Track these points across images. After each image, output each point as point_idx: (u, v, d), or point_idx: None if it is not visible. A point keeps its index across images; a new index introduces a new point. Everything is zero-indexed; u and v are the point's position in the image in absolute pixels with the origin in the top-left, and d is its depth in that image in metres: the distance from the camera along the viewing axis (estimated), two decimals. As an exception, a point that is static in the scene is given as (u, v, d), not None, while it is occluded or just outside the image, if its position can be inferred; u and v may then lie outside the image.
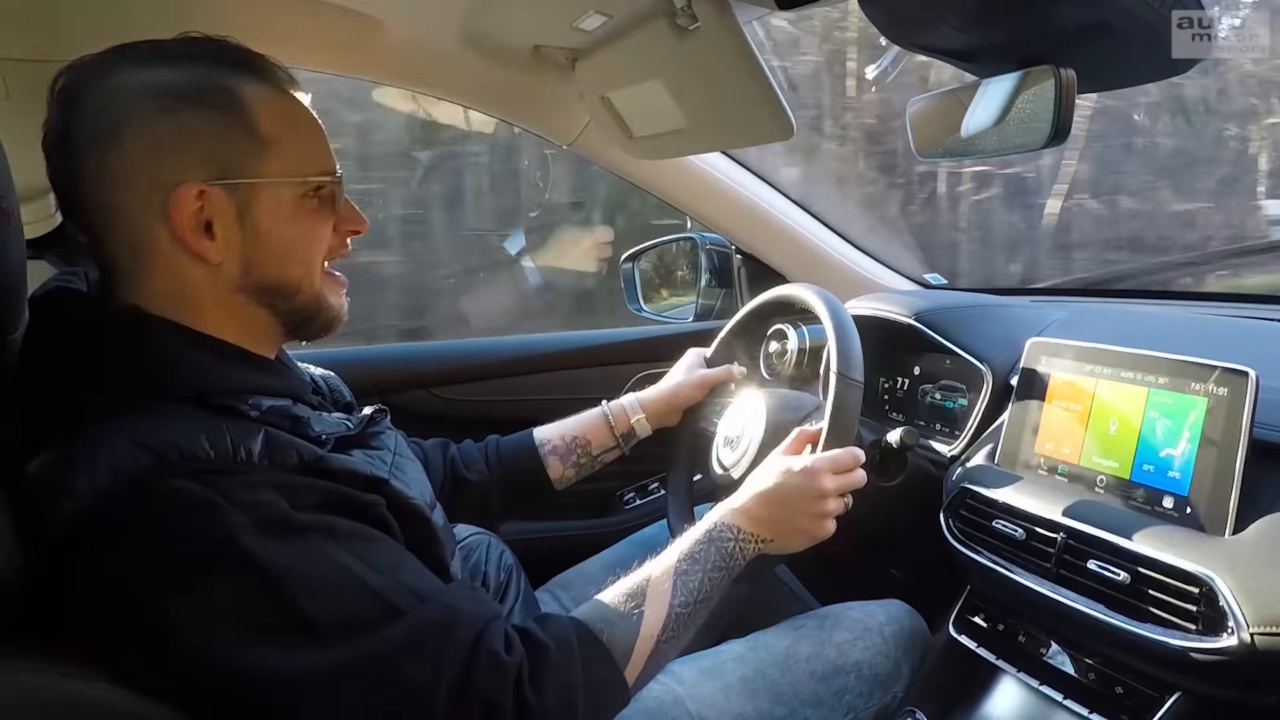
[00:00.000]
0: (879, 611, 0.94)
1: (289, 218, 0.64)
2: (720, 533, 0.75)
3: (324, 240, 0.67)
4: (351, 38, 1.09)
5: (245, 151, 0.62)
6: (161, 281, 0.62)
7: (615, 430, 1.03)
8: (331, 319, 0.69)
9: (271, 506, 0.54)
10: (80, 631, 0.54)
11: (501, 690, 0.57)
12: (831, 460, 0.80)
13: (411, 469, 0.73)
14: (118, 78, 0.60)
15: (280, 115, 0.64)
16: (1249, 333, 0.96)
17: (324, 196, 0.66)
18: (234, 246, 0.62)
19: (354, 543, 0.57)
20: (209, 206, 0.61)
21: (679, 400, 1.06)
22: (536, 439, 1.01)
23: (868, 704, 0.87)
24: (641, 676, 0.66)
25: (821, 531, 0.79)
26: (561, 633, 0.63)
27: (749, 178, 1.39)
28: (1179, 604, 0.69)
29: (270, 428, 0.59)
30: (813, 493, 0.78)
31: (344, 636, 0.53)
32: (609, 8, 0.91)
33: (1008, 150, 0.82)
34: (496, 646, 0.58)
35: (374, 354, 1.46)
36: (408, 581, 0.59)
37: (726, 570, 0.74)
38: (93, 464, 0.52)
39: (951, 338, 1.06)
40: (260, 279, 0.64)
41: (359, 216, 0.71)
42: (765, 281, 1.38)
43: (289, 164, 0.64)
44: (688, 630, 0.69)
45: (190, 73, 0.61)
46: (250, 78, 0.63)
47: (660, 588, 0.69)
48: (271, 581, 0.52)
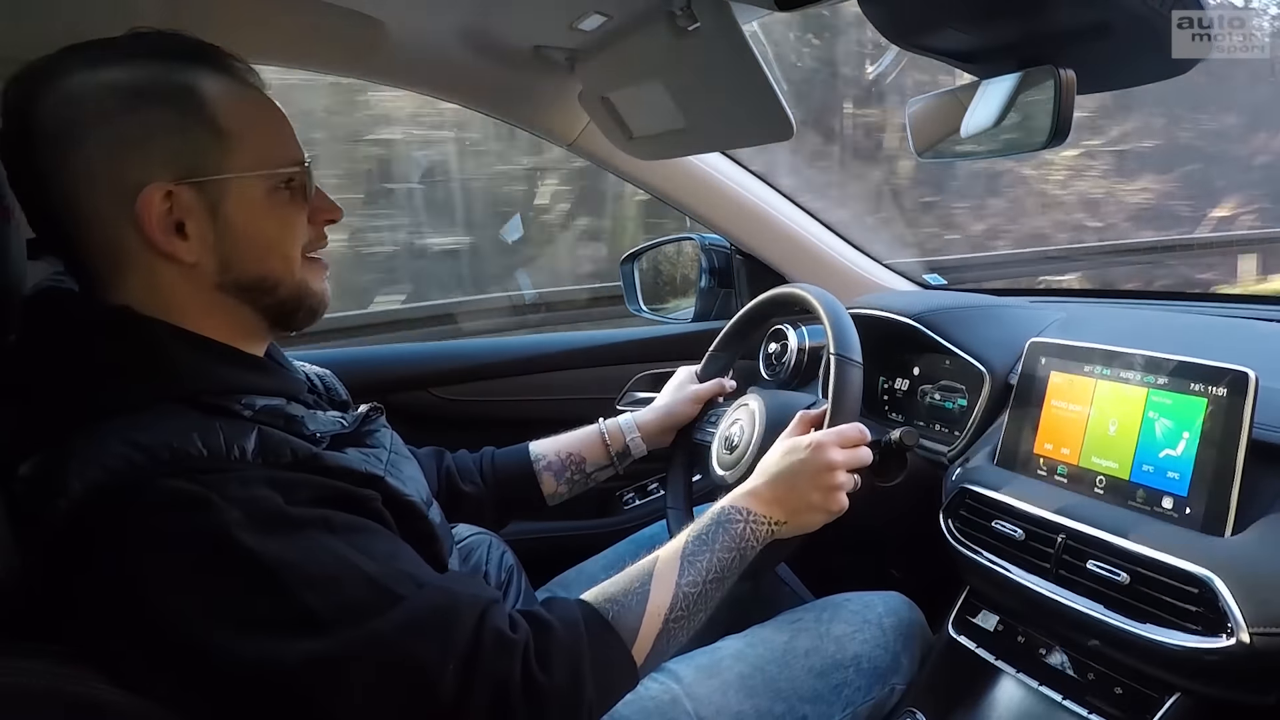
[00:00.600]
0: (878, 603, 0.94)
1: (262, 212, 0.63)
2: (728, 515, 0.75)
3: (300, 231, 0.66)
4: (352, 39, 1.09)
5: (208, 148, 0.60)
6: (138, 283, 0.61)
7: (610, 448, 1.03)
8: (315, 305, 0.68)
9: (266, 502, 0.54)
10: (78, 632, 0.53)
11: (509, 667, 0.56)
12: (838, 434, 0.81)
13: (408, 467, 0.73)
14: (71, 79, 0.58)
15: (241, 108, 0.62)
16: (1249, 333, 0.96)
17: (295, 187, 0.65)
18: (209, 245, 0.61)
19: (350, 534, 0.57)
20: (178, 207, 0.59)
21: (674, 419, 1.07)
22: (532, 453, 1.01)
23: (866, 697, 0.87)
24: (650, 657, 0.66)
25: (835, 505, 0.79)
26: (567, 613, 0.63)
27: (749, 178, 1.39)
28: (1178, 604, 0.69)
29: (264, 426, 0.59)
30: (821, 466, 0.78)
31: (346, 624, 0.53)
32: (609, 8, 0.91)
33: (1007, 151, 0.83)
34: (501, 625, 0.58)
35: (373, 354, 1.46)
36: (406, 569, 0.58)
37: (738, 551, 0.73)
38: (86, 464, 0.52)
39: (951, 338, 1.06)
40: (239, 275, 0.63)
41: (333, 205, 0.70)
42: (765, 282, 1.38)
43: (255, 157, 0.62)
44: (698, 610, 0.69)
45: (145, 69, 0.60)
46: (207, 71, 0.62)
47: (667, 569, 0.69)
48: (270, 575, 0.52)
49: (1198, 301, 1.20)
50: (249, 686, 0.52)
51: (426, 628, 0.55)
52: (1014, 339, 1.00)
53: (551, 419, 1.41)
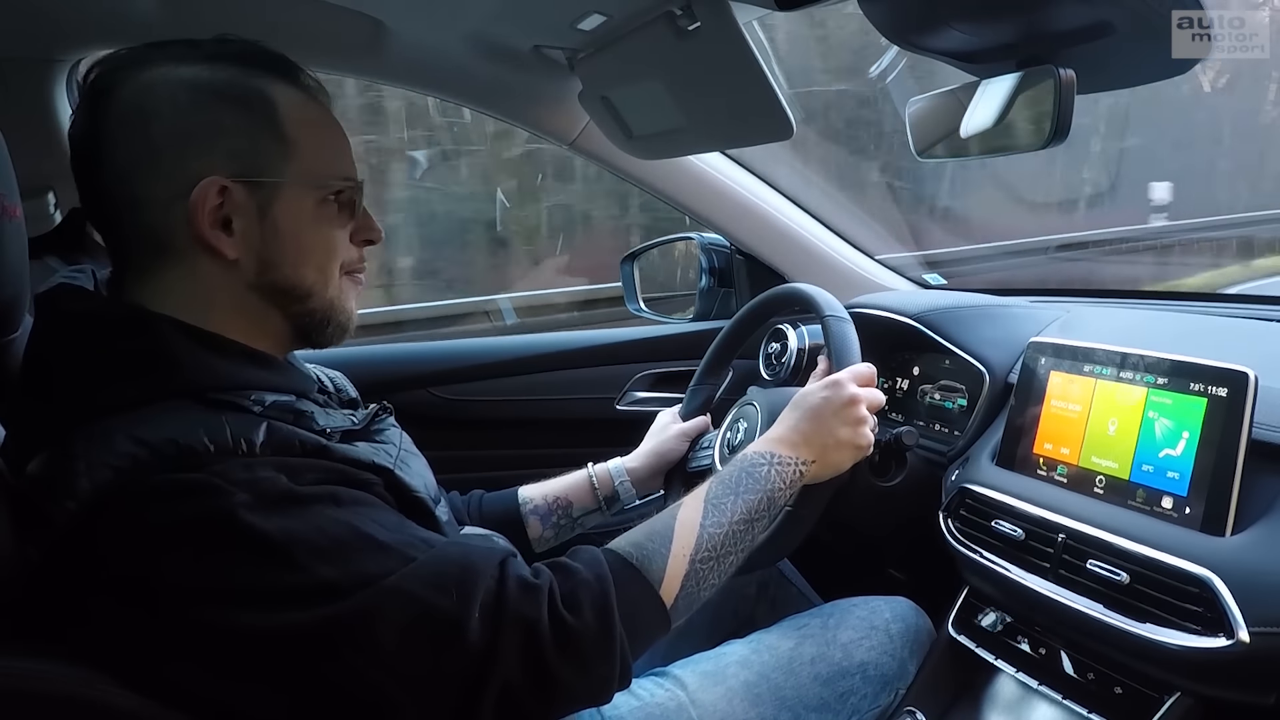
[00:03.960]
0: (885, 608, 0.93)
1: (308, 221, 0.65)
2: (752, 461, 0.75)
3: (341, 247, 0.68)
4: (352, 39, 1.09)
5: (270, 151, 0.63)
6: (175, 275, 0.62)
7: (598, 493, 1.02)
8: (344, 323, 0.69)
9: (272, 482, 0.54)
10: (84, 633, 0.53)
11: (536, 609, 0.56)
12: (852, 372, 0.83)
13: (416, 463, 0.73)
14: (152, 72, 0.61)
15: (307, 119, 0.65)
16: (1249, 333, 0.96)
17: (344, 202, 0.67)
18: (251, 244, 0.63)
19: (356, 507, 0.58)
20: (229, 203, 0.61)
21: (664, 461, 1.06)
22: (520, 497, 1.01)
23: (873, 705, 0.86)
24: (680, 599, 0.65)
25: (864, 440, 0.80)
26: (590, 556, 0.63)
27: (749, 178, 1.39)
28: (1178, 604, 0.69)
29: (273, 420, 0.59)
30: (844, 400, 0.80)
31: (364, 587, 0.53)
32: (609, 8, 0.91)
33: (1007, 150, 0.83)
34: (523, 572, 0.59)
35: (374, 353, 1.46)
36: (417, 534, 0.59)
37: (764, 494, 0.73)
38: (93, 465, 0.52)
39: (951, 338, 1.06)
40: (274, 279, 0.64)
41: (375, 226, 0.71)
42: (765, 282, 1.38)
43: (312, 167, 0.65)
44: (728, 553, 0.69)
45: (223, 71, 0.62)
46: (280, 81, 0.64)
47: (691, 514, 0.69)
48: (282, 550, 0.52)
49: (1198, 301, 1.19)
50: (276, 662, 0.52)
51: (447, 578, 0.55)
52: (1014, 339, 1.00)
53: (551, 419, 1.42)
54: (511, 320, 2.73)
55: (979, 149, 0.85)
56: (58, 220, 1.06)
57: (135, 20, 0.99)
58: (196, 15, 1.00)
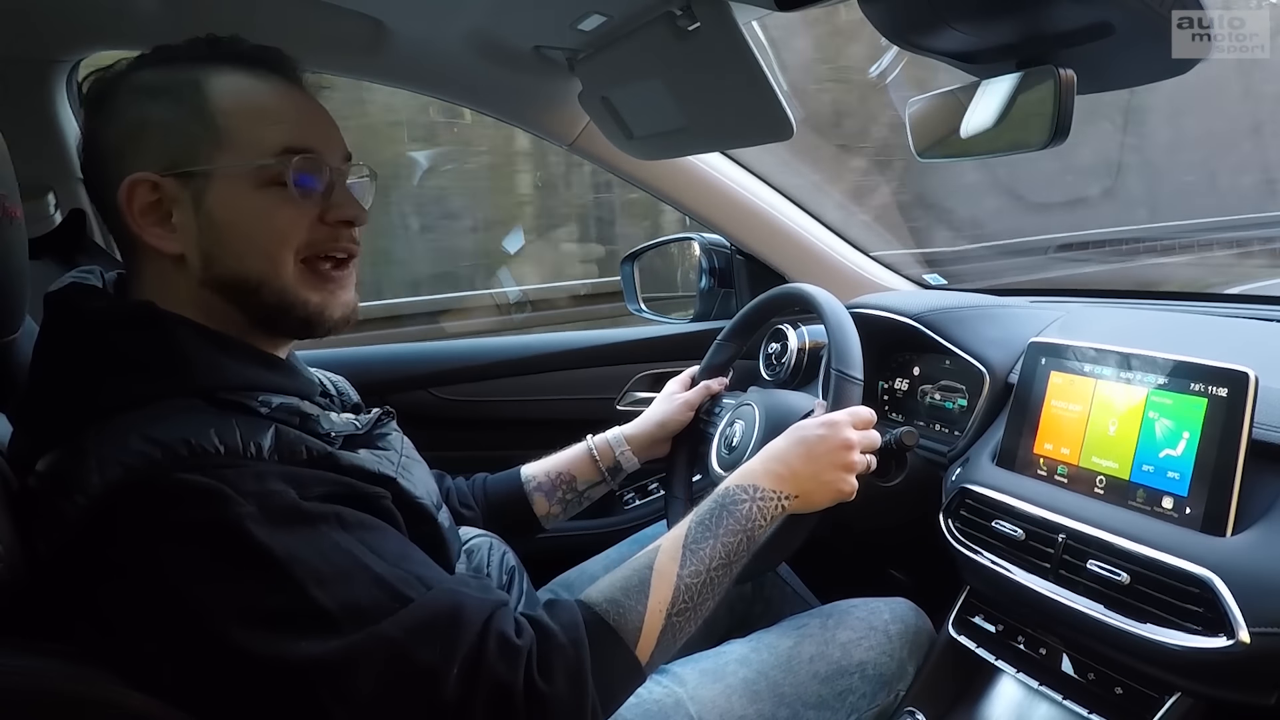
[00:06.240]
0: (884, 609, 0.93)
1: (246, 206, 0.61)
2: (732, 496, 0.74)
3: (292, 230, 0.63)
4: (352, 39, 1.09)
5: (197, 140, 0.61)
6: (148, 274, 0.64)
7: (600, 465, 1.03)
8: (309, 317, 0.65)
9: (280, 496, 0.54)
10: (92, 630, 0.54)
11: (513, 673, 0.56)
12: (851, 413, 0.82)
13: (418, 470, 0.73)
14: (122, 79, 0.62)
15: (243, 102, 0.62)
16: (1249, 333, 0.96)
17: (296, 180, 0.62)
18: (191, 238, 0.62)
19: (361, 531, 0.58)
20: (165, 198, 0.61)
21: (667, 429, 1.07)
22: (523, 476, 1.01)
23: (871, 705, 0.87)
24: (657, 652, 0.65)
25: (847, 486, 0.79)
26: (569, 618, 0.63)
27: (749, 178, 1.39)
28: (1179, 604, 0.69)
29: (280, 424, 0.60)
30: (839, 442, 0.79)
31: (354, 622, 0.53)
32: (609, 8, 0.91)
33: (1007, 151, 0.82)
34: (507, 630, 0.58)
35: (374, 354, 1.46)
36: (415, 570, 0.59)
37: (744, 534, 0.72)
38: (105, 462, 0.52)
39: (951, 338, 1.06)
40: (219, 272, 0.62)
41: (350, 203, 0.65)
42: (765, 282, 1.38)
43: (245, 150, 0.61)
44: (705, 599, 0.68)
45: (169, 68, 0.63)
46: (221, 66, 0.63)
47: (668, 561, 0.68)
48: (281, 569, 0.52)
49: (1198, 301, 1.19)
50: (256, 681, 0.52)
51: (433, 630, 0.55)
52: (1014, 339, 1.00)
53: (552, 419, 1.42)
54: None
55: (979, 149, 0.85)
56: (58, 220, 1.06)
57: (135, 21, 0.99)
58: (196, 16, 1.00)
